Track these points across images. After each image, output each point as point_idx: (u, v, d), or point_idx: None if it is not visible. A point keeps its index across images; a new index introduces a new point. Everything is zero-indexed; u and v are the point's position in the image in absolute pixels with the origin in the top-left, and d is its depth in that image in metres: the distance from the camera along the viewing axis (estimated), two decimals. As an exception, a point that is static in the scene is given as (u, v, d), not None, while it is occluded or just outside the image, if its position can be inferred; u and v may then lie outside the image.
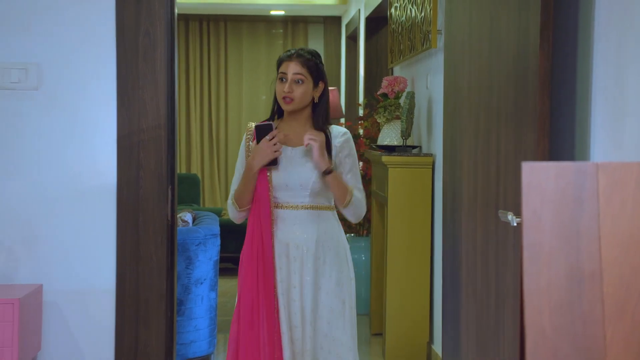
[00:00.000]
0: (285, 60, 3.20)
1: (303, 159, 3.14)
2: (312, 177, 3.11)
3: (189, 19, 10.08)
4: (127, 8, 3.39)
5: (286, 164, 3.14)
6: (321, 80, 3.21)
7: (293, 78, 3.14)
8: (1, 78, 3.35)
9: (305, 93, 3.16)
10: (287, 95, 3.13)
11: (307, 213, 3.13)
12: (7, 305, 3.05)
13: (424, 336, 4.81)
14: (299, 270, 3.10)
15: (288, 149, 3.17)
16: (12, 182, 3.36)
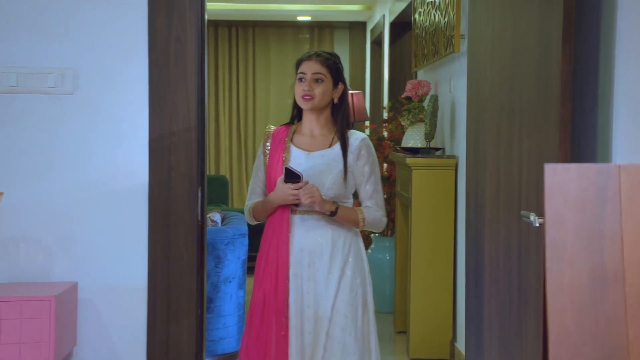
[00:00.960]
0: (304, 60, 3.12)
1: (319, 165, 3.05)
2: (327, 184, 3.02)
3: (218, 24, 10.11)
4: (159, 15, 3.41)
5: (302, 170, 3.04)
6: (340, 81, 3.12)
7: (312, 77, 3.05)
8: (39, 82, 3.38)
9: (325, 92, 3.06)
10: (307, 94, 3.04)
11: (322, 219, 3.04)
12: (44, 302, 3.08)
13: (447, 334, 4.79)
14: (313, 277, 3.02)
15: (304, 154, 3.09)
16: (49, 182, 3.39)
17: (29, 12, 3.38)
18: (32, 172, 3.38)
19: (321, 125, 3.11)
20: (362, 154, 3.07)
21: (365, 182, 3.08)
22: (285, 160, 3.08)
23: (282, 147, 3.11)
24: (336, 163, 3.06)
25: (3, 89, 3.36)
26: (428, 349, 4.80)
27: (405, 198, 5.16)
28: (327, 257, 3.03)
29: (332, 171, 3.04)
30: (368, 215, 3.06)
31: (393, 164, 5.89)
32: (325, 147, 3.10)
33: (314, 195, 2.94)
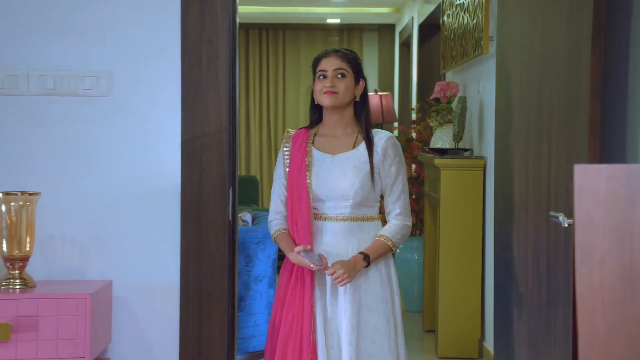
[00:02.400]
0: (323, 58, 2.94)
1: (345, 168, 2.87)
2: (353, 188, 2.84)
3: (249, 28, 10.15)
4: (191, 19, 3.43)
5: (326, 174, 2.88)
6: (362, 78, 2.95)
7: (334, 73, 2.88)
8: (75, 85, 3.42)
9: (349, 88, 2.88)
10: (329, 90, 2.86)
11: (348, 225, 2.86)
12: (79, 299, 3.11)
13: (475, 333, 4.76)
14: (340, 289, 2.84)
15: (328, 157, 2.91)
16: (85, 183, 3.42)
17: (65, 17, 3.41)
18: (69, 172, 3.42)
19: (344, 124, 2.93)
20: (389, 154, 2.88)
21: (392, 184, 2.90)
22: (309, 164, 2.90)
23: (303, 151, 2.92)
24: (362, 165, 2.88)
25: (41, 91, 3.40)
26: (456, 348, 4.78)
27: (433, 198, 5.15)
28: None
29: (359, 174, 2.86)
30: (395, 236, 2.89)
31: (421, 164, 5.87)
32: (349, 148, 2.92)
33: (344, 280, 2.76)
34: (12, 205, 3.19)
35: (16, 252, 3.20)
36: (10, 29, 3.39)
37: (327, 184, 2.85)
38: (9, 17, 3.39)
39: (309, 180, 2.86)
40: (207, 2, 3.43)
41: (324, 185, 2.85)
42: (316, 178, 2.87)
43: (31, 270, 3.30)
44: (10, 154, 3.40)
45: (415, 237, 6.03)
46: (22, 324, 3.06)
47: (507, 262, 3.36)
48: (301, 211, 2.85)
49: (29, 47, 3.40)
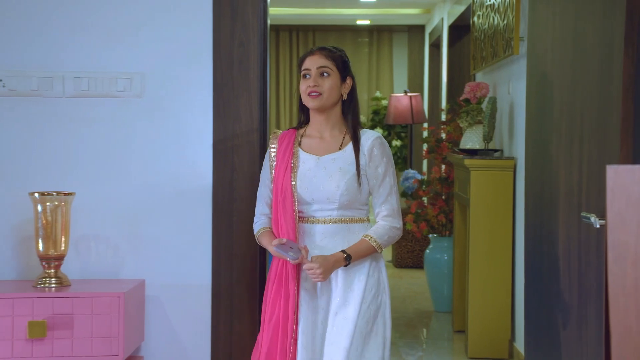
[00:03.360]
0: (307, 56, 2.81)
1: (329, 170, 2.75)
2: (339, 190, 2.73)
3: (279, 29, 10.17)
4: (223, 21, 3.44)
5: (311, 176, 2.76)
6: (349, 76, 2.82)
7: (318, 72, 2.75)
8: (109, 87, 3.45)
9: (333, 87, 2.76)
10: (313, 90, 2.74)
11: (335, 227, 2.75)
12: (113, 298, 3.13)
13: (505, 333, 4.73)
14: (326, 291, 2.75)
15: (314, 158, 2.78)
16: (118, 183, 3.45)
17: (99, 20, 3.44)
18: (103, 173, 3.45)
19: (331, 125, 2.81)
20: (375, 154, 2.76)
21: (378, 185, 2.77)
22: (294, 166, 2.79)
23: (289, 152, 2.80)
24: (349, 166, 2.76)
25: (75, 93, 3.43)
26: (486, 348, 4.75)
27: (463, 199, 5.12)
28: (340, 269, 2.75)
29: (344, 176, 2.74)
30: (381, 237, 2.76)
31: (451, 165, 5.85)
32: (336, 149, 2.79)
33: (322, 272, 2.66)
34: (47, 205, 3.23)
35: (52, 251, 3.24)
36: (46, 32, 3.43)
37: (312, 186, 2.74)
38: (45, 21, 3.43)
39: (294, 182, 2.76)
40: (238, 5, 3.44)
41: (309, 187, 2.75)
42: (301, 180, 2.76)
43: (66, 269, 3.34)
44: (46, 155, 3.43)
45: (445, 238, 6.01)
46: (58, 322, 3.09)
47: (537, 263, 3.34)
48: (286, 214, 2.75)
49: (64, 49, 3.43)
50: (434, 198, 6.08)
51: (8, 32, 3.42)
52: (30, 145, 3.43)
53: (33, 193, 3.24)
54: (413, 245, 7.75)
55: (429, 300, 6.26)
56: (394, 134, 9.67)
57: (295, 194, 2.75)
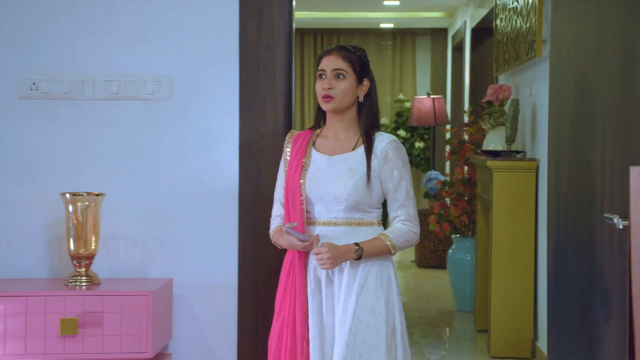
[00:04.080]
0: (324, 55, 2.71)
1: (339, 170, 2.66)
2: (346, 190, 2.63)
3: (304, 33, 10.18)
4: (249, 25, 3.45)
5: (320, 175, 2.68)
6: (366, 77, 2.70)
7: (333, 73, 2.66)
8: (138, 89, 3.47)
9: (348, 90, 2.66)
10: (327, 93, 2.66)
11: (342, 230, 2.65)
12: (142, 297, 3.15)
13: (528, 333, 4.70)
14: (332, 295, 2.65)
15: (324, 157, 2.71)
16: (147, 184, 3.47)
17: (128, 25, 3.46)
18: (132, 174, 3.47)
19: (345, 126, 2.71)
20: (390, 158, 2.65)
21: (394, 190, 2.66)
22: (305, 165, 2.71)
23: (302, 152, 2.74)
24: (359, 167, 2.66)
25: (106, 95, 3.46)
26: (509, 347, 4.73)
27: (486, 200, 5.10)
28: (346, 272, 2.64)
29: (353, 176, 2.65)
30: (397, 239, 2.64)
31: (474, 166, 5.83)
32: (348, 150, 2.71)
33: (325, 264, 2.58)
34: (78, 205, 3.25)
35: (82, 250, 3.26)
36: (77, 36, 3.45)
37: (320, 185, 2.66)
38: (76, 25, 3.45)
39: (302, 181, 2.68)
40: (264, 9, 3.45)
41: (317, 186, 2.67)
42: (310, 179, 2.68)
43: (96, 268, 3.36)
44: (77, 156, 3.46)
45: (468, 238, 5.98)
46: (88, 319, 3.11)
47: (560, 263, 3.32)
48: (295, 212, 2.68)
49: (95, 53, 3.46)
50: (456, 199, 6.06)
51: (40, 37, 3.45)
52: (61, 147, 3.46)
53: (64, 194, 3.26)
54: (436, 245, 7.73)
55: (451, 300, 6.24)
56: (416, 136, 9.64)
57: (303, 192, 2.67)
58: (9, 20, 3.44)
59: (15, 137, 3.45)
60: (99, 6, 3.46)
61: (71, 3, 3.45)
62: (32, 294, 3.14)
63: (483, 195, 5.23)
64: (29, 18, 3.45)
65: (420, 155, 9.60)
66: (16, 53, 3.44)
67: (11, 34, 3.44)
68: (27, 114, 3.45)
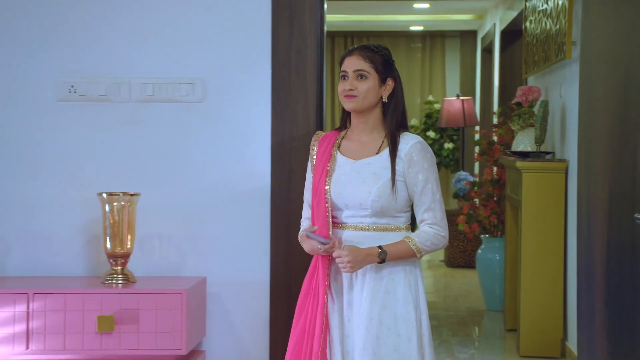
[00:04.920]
0: (346, 56, 2.62)
1: (364, 175, 2.54)
2: (371, 196, 2.51)
3: (335, 35, 10.17)
4: (281, 28, 3.45)
5: (345, 180, 2.56)
6: (390, 77, 2.58)
7: (355, 74, 2.55)
8: (172, 92, 3.48)
9: (371, 90, 2.54)
10: (349, 93, 2.54)
11: (368, 235, 2.53)
12: (176, 295, 3.16)
13: (558, 333, 4.65)
14: (356, 302, 2.54)
15: (349, 162, 2.59)
16: (180, 184, 3.48)
17: (163, 28, 3.48)
18: (166, 174, 3.48)
19: (369, 129, 2.59)
20: (415, 160, 2.53)
21: (420, 193, 2.53)
22: (330, 170, 2.60)
23: (327, 155, 2.62)
24: (383, 171, 2.54)
25: (141, 98, 3.48)
26: (538, 347, 4.68)
27: (515, 200, 5.06)
28: (372, 278, 2.53)
29: (378, 181, 2.53)
30: (422, 243, 2.53)
31: (503, 167, 5.78)
32: (372, 153, 2.58)
33: (351, 261, 2.46)
34: (114, 205, 3.27)
35: (118, 249, 3.28)
36: (113, 40, 3.48)
37: (345, 191, 2.55)
38: (112, 30, 3.48)
39: (328, 187, 2.57)
40: (296, 13, 3.44)
41: (342, 192, 2.56)
42: (335, 184, 2.57)
43: (131, 267, 3.38)
44: (113, 157, 3.48)
45: (497, 238, 5.94)
46: (124, 316, 3.13)
47: (590, 263, 3.27)
48: (319, 218, 2.58)
49: (131, 57, 3.48)
50: (485, 199, 6.02)
51: (78, 41, 3.48)
52: (98, 148, 3.48)
53: (101, 193, 3.29)
54: (465, 245, 7.69)
55: (480, 299, 6.19)
56: (446, 137, 9.60)
57: (328, 198, 2.56)
58: (49, 26, 3.48)
59: (54, 139, 3.48)
60: (134, 11, 3.48)
61: (107, 8, 3.48)
62: (71, 291, 3.17)
63: (512, 195, 5.19)
64: (67, 24, 3.48)
65: (449, 156, 9.56)
66: (55, 57, 3.48)
67: (50, 39, 3.48)
68: (65, 116, 3.48)
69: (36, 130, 3.48)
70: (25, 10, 3.48)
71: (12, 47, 3.48)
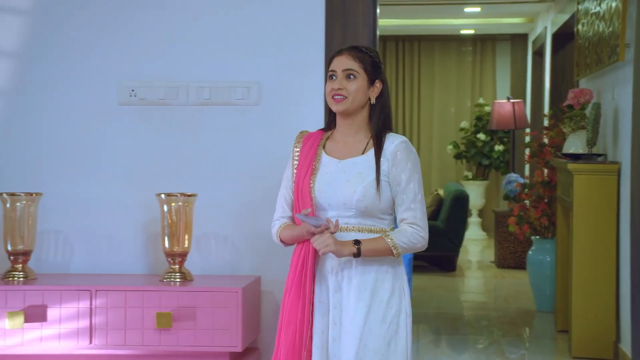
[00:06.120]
0: (335, 56, 2.50)
1: (349, 174, 2.45)
2: (355, 195, 2.41)
3: (386, 39, 10.12)
4: (335, 32, 3.44)
5: (330, 179, 2.46)
6: (378, 79, 2.48)
7: (343, 74, 2.45)
8: (228, 95, 3.49)
9: (359, 91, 2.44)
10: (337, 93, 2.44)
11: (352, 236, 2.41)
12: (232, 293, 3.17)
13: (610, 335, 4.54)
14: (339, 305, 2.44)
15: (334, 161, 2.48)
16: (236, 185, 3.49)
17: (219, 33, 3.50)
18: (222, 175, 3.50)
19: (355, 129, 2.49)
20: (399, 159, 2.43)
21: (402, 192, 2.43)
22: (315, 169, 2.50)
23: (312, 154, 2.52)
24: (368, 171, 2.44)
25: (198, 101, 3.50)
26: (590, 348, 4.58)
27: (566, 202, 4.96)
28: (356, 281, 2.42)
29: (363, 180, 2.43)
30: (399, 239, 2.40)
31: (553, 169, 5.68)
32: (358, 153, 2.48)
33: (328, 245, 2.36)
34: (172, 205, 3.29)
35: (176, 248, 3.30)
36: (171, 46, 3.51)
37: (330, 191, 2.45)
38: (171, 35, 3.51)
39: (312, 185, 2.47)
40: (349, 17, 3.42)
41: (326, 191, 2.45)
42: (320, 184, 2.46)
43: (189, 265, 3.40)
44: (171, 159, 3.51)
45: (548, 240, 5.84)
46: (182, 314, 3.15)
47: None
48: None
49: (188, 61, 3.50)
50: (536, 201, 5.93)
51: (138, 47, 3.51)
52: (157, 150, 3.51)
53: (160, 194, 3.31)
54: (515, 246, 7.59)
55: (531, 300, 6.09)
56: (496, 139, 9.49)
57: (313, 198, 2.46)
58: (110, 32, 3.52)
59: (115, 141, 3.52)
60: (192, 17, 3.50)
61: (166, 15, 3.50)
62: (131, 288, 3.19)
63: (563, 197, 5.09)
64: (128, 30, 3.52)
65: (499, 158, 9.45)
66: (117, 62, 3.52)
67: (112, 45, 3.52)
68: (126, 119, 3.52)
69: (98, 133, 3.53)
70: (87, 18, 3.53)
71: (76, 53, 3.53)
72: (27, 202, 3.36)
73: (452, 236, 7.35)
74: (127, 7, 3.52)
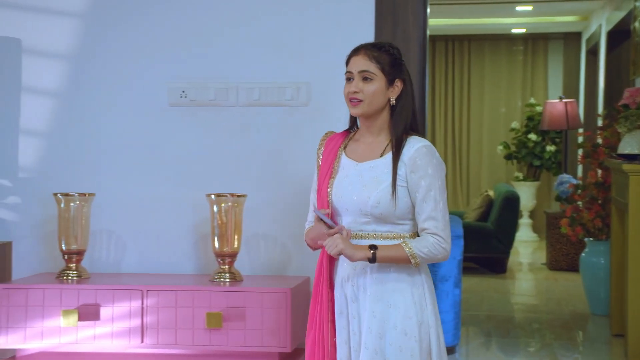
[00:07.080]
0: (352, 56, 2.37)
1: (365, 178, 2.32)
2: (370, 201, 2.28)
3: (435, 39, 10.05)
4: (385, 31, 3.41)
5: (347, 183, 2.34)
6: (398, 78, 2.34)
7: (360, 76, 2.31)
8: (277, 96, 3.49)
9: (377, 93, 2.31)
10: (354, 96, 2.31)
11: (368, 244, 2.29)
12: (281, 294, 3.16)
13: (667, 340, 4.42)
14: (357, 315, 2.33)
15: (353, 164, 2.36)
16: (286, 185, 3.49)
17: (268, 34, 3.50)
18: (271, 176, 3.50)
19: (376, 131, 2.36)
20: (418, 165, 2.28)
21: (422, 200, 2.28)
22: (334, 172, 2.39)
23: (333, 156, 2.41)
24: (385, 175, 2.31)
25: (248, 102, 3.50)
26: (647, 353, 4.46)
27: (621, 203, 4.84)
28: (373, 290, 2.31)
29: (378, 185, 2.30)
30: (419, 249, 2.26)
31: (608, 169, 5.56)
32: (376, 156, 2.35)
33: (337, 245, 2.25)
34: (222, 206, 3.30)
35: (226, 248, 3.31)
36: (221, 47, 3.52)
37: (345, 196, 2.33)
38: (220, 37, 3.52)
39: (330, 190, 2.36)
40: (399, 17, 3.39)
41: (342, 196, 2.34)
42: (337, 188, 2.36)
43: (238, 265, 3.40)
44: (221, 159, 3.52)
45: (602, 242, 5.72)
46: (232, 314, 3.15)
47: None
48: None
49: (238, 62, 3.51)
50: (589, 202, 5.80)
51: (189, 48, 3.54)
52: (207, 150, 3.53)
53: (210, 194, 3.32)
54: (568, 248, 7.44)
55: (584, 303, 5.97)
56: (547, 139, 9.34)
57: (329, 202, 2.36)
58: (160, 34, 3.55)
59: (166, 141, 3.55)
60: (241, 18, 3.51)
61: (216, 17, 3.52)
62: (182, 288, 3.21)
63: (618, 199, 4.97)
64: (178, 32, 3.54)
65: (551, 159, 9.30)
66: (167, 64, 3.54)
67: (163, 47, 3.55)
68: (177, 120, 3.55)
69: (149, 134, 3.56)
70: (139, 21, 3.56)
71: (127, 54, 3.57)
72: (81, 202, 3.40)
73: (502, 237, 7.25)
74: (178, 9, 3.54)
